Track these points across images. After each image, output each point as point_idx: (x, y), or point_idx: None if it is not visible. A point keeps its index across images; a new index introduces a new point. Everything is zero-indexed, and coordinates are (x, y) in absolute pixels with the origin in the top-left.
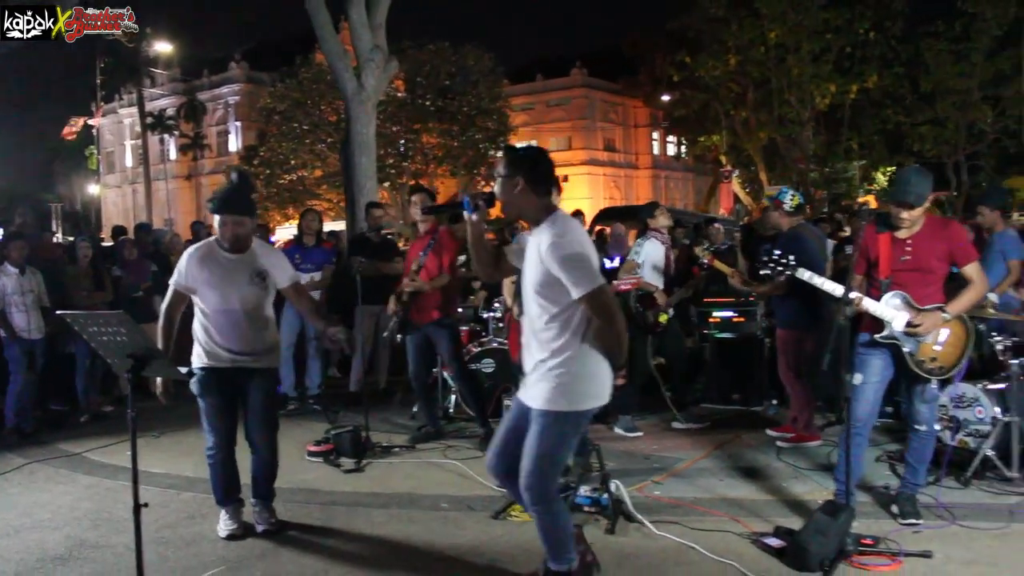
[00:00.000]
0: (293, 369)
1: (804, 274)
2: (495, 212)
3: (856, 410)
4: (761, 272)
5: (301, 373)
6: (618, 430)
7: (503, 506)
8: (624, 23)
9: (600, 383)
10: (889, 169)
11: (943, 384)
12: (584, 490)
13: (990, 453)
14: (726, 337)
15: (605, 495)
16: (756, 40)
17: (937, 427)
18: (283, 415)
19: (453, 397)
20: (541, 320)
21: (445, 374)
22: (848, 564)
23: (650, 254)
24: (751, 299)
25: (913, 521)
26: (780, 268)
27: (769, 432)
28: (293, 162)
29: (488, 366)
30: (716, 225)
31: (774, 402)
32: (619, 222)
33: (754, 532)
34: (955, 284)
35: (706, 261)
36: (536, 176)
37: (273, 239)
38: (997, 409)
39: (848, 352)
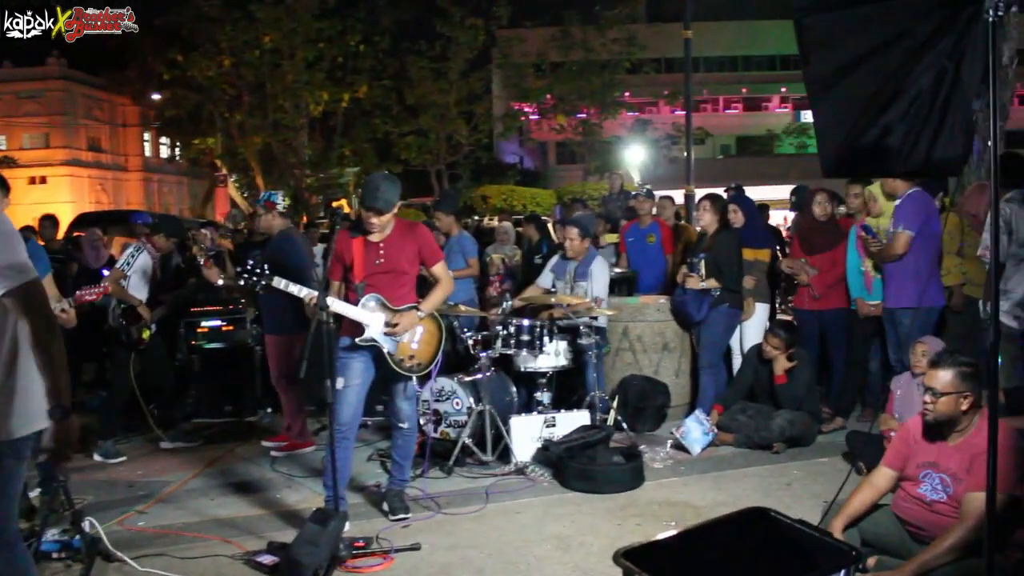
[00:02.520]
0: None
1: (280, 283)
2: None
3: (340, 414)
4: (239, 283)
5: None
6: (98, 457)
7: None
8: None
9: (30, 403)
10: None
11: (422, 380)
12: (51, 534)
13: (468, 441)
14: (216, 347)
15: (77, 536)
16: (251, 43)
17: (421, 421)
18: None
19: None
20: None
21: None
22: (342, 570)
23: (140, 264)
24: (240, 307)
25: (403, 516)
26: (255, 279)
27: (264, 443)
28: None
29: None
30: (203, 231)
31: (268, 410)
32: (98, 228)
33: (246, 552)
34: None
35: (202, 261)
36: None
37: None
38: (471, 399)
39: (330, 357)
